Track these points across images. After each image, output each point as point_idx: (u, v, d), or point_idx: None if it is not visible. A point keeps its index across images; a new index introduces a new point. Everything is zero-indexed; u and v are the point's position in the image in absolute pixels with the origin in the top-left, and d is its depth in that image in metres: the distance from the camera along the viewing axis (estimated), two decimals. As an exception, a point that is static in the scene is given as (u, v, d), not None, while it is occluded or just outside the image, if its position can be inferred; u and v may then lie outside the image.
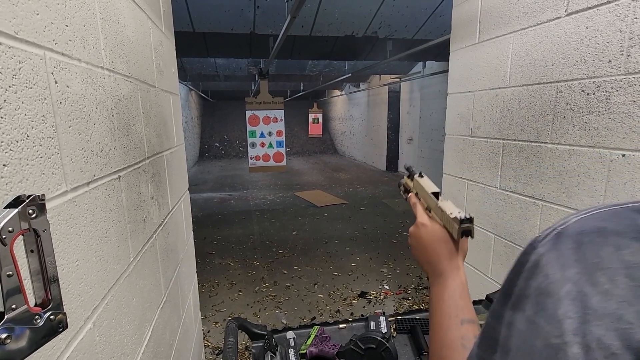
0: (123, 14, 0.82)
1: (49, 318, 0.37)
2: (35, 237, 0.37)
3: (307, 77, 8.56)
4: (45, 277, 0.38)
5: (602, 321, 0.20)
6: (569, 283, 0.22)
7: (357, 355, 0.88)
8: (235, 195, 7.34)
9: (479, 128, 1.55)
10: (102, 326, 0.62)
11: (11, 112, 0.41)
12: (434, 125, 7.48)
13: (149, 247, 0.94)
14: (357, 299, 3.14)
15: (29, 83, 0.45)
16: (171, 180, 1.25)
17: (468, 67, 1.59)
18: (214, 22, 3.68)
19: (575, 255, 0.23)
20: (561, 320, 0.22)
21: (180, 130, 1.48)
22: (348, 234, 4.79)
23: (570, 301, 0.22)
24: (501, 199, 1.45)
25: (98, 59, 0.67)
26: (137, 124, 0.89)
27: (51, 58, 0.50)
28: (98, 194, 0.64)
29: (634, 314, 0.19)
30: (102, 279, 0.64)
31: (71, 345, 0.51)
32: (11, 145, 0.41)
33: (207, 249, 4.29)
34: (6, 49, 0.41)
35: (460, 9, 1.63)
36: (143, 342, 0.85)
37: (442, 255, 0.52)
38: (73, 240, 0.54)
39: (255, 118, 5.15)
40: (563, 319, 0.21)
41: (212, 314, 2.91)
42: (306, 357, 0.96)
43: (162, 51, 1.22)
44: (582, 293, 0.21)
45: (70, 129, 0.55)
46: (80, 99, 0.58)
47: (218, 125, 15.34)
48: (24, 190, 0.43)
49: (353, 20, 3.85)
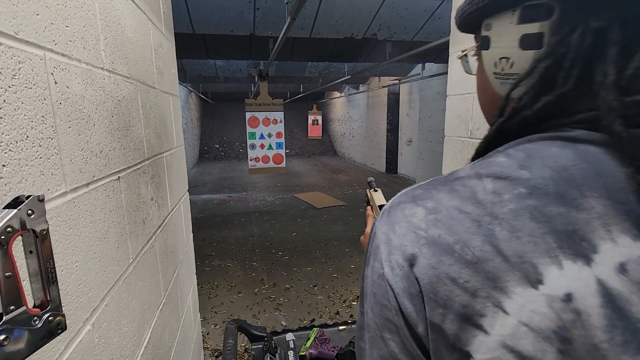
0: (123, 15, 0.82)
1: (48, 319, 0.37)
2: (34, 238, 0.36)
3: (307, 78, 8.57)
4: (44, 278, 0.38)
5: (396, 249, 0.32)
6: (383, 234, 0.34)
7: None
8: (235, 197, 7.33)
9: (478, 130, 1.55)
10: (101, 328, 0.62)
11: (11, 112, 0.41)
12: (433, 127, 7.49)
13: (149, 249, 0.94)
14: (356, 301, 3.13)
15: (28, 83, 0.45)
16: (171, 181, 1.25)
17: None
18: (214, 23, 3.68)
19: (387, 219, 0.35)
20: (379, 256, 0.34)
21: (180, 131, 1.48)
22: (347, 236, 4.79)
23: (383, 244, 0.34)
24: (501, 200, 1.45)
25: (98, 60, 0.67)
26: (137, 125, 0.89)
27: (51, 58, 0.50)
28: (98, 195, 0.64)
29: (409, 242, 0.31)
30: (102, 280, 0.63)
31: (70, 346, 0.51)
32: (10, 145, 0.41)
33: (207, 251, 4.28)
34: (6, 49, 0.41)
35: (460, 11, 1.64)
36: (142, 343, 0.85)
37: None
38: (72, 242, 0.53)
39: (255, 120, 5.15)
40: (378, 254, 0.34)
41: (211, 316, 2.91)
42: (306, 359, 0.96)
43: (162, 52, 1.22)
44: (388, 237, 0.33)
45: (70, 130, 0.54)
46: (80, 100, 0.58)
47: (218, 127, 15.35)
48: (24, 191, 0.42)
49: (352, 22, 3.86)
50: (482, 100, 0.44)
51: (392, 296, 0.32)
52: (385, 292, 0.32)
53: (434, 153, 7.47)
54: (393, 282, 0.32)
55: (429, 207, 0.32)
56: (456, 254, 0.29)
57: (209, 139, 14.91)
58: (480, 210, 0.29)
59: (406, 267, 0.31)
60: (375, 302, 0.34)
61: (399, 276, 0.31)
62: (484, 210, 0.29)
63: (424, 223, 0.31)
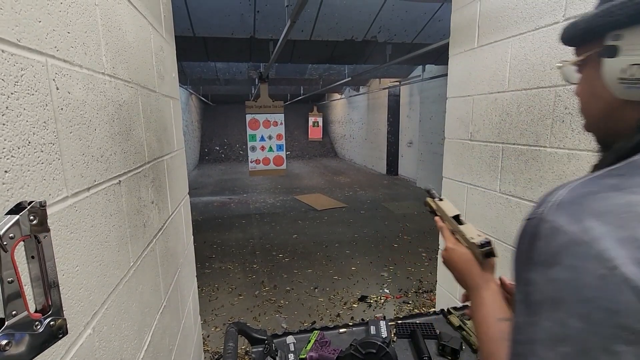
0: (124, 20, 0.83)
1: (49, 324, 0.37)
2: (36, 243, 0.37)
3: (307, 80, 8.59)
4: (45, 283, 0.38)
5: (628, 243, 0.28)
6: (592, 229, 0.30)
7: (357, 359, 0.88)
8: (235, 199, 7.33)
9: (478, 132, 1.56)
10: (101, 332, 0.62)
11: (13, 118, 0.42)
12: (433, 129, 7.49)
13: (149, 252, 0.94)
14: (357, 303, 3.13)
15: (30, 90, 0.45)
16: (171, 184, 1.26)
17: (467, 72, 1.60)
18: (214, 26, 3.70)
19: (582, 211, 0.31)
20: (605, 253, 0.29)
21: (180, 134, 1.48)
22: (348, 238, 4.78)
23: (602, 240, 0.29)
24: (501, 202, 1.45)
25: (99, 65, 0.67)
26: (138, 128, 0.90)
27: (53, 65, 0.51)
28: (98, 199, 0.64)
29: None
30: (102, 284, 0.64)
31: (71, 350, 0.51)
32: (13, 151, 0.41)
33: (207, 253, 4.28)
34: (9, 57, 0.41)
35: (459, 14, 1.64)
36: (142, 347, 0.85)
37: (473, 273, 0.60)
38: (73, 246, 0.54)
39: (256, 122, 5.16)
40: (607, 252, 0.29)
41: (211, 319, 2.90)
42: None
43: (163, 56, 1.23)
44: (607, 231, 0.29)
45: (71, 135, 0.55)
46: (81, 105, 0.59)
47: (218, 129, 15.37)
48: (25, 196, 0.43)
49: (353, 24, 3.87)
50: (590, 105, 0.46)
51: (635, 300, 0.27)
52: (618, 295, 0.28)
53: (434, 155, 7.47)
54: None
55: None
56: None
57: (210, 141, 14.93)
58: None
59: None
60: (595, 308, 0.29)
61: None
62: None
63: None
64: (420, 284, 3.48)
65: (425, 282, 3.50)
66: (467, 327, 1.08)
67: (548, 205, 0.35)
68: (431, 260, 3.99)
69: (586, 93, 0.47)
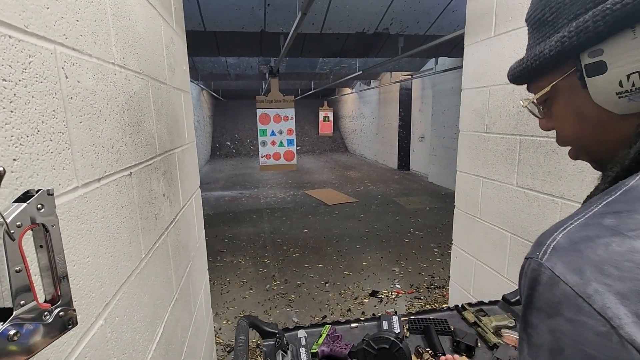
0: (134, 10, 0.82)
1: (59, 315, 0.37)
2: (44, 233, 0.36)
3: (318, 75, 8.53)
4: (54, 273, 0.37)
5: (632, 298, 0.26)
6: (592, 282, 0.28)
7: (369, 355, 0.87)
8: (246, 194, 7.38)
9: (494, 124, 1.51)
10: (113, 323, 0.62)
11: (21, 106, 0.41)
12: (446, 123, 7.37)
13: (161, 244, 0.94)
14: (368, 298, 3.12)
15: (39, 77, 0.45)
16: (182, 177, 1.26)
17: (483, 62, 1.55)
18: (225, 21, 3.69)
19: (582, 260, 0.29)
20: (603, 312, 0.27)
21: (191, 127, 1.48)
22: (359, 233, 4.76)
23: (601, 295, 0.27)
24: (518, 196, 1.41)
25: (109, 55, 0.66)
26: (149, 120, 0.89)
27: (62, 53, 0.50)
28: (109, 190, 0.64)
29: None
30: (114, 275, 0.64)
31: (82, 341, 0.51)
32: (21, 139, 0.41)
33: (219, 247, 4.32)
34: (16, 43, 0.41)
35: (475, 2, 1.59)
36: (155, 339, 0.85)
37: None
38: (84, 237, 0.53)
39: (266, 116, 5.16)
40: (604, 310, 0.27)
41: (223, 312, 2.93)
42: (318, 356, 0.95)
43: (174, 48, 1.22)
44: (607, 285, 0.27)
45: (81, 125, 0.54)
46: (91, 95, 0.58)
47: (229, 124, 15.46)
48: (35, 185, 0.42)
49: (364, 16, 3.81)
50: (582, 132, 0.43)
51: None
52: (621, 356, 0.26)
53: (447, 149, 7.35)
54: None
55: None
56: None
57: (221, 136, 15.04)
58: None
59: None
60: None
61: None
62: None
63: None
64: (432, 279, 3.44)
65: (437, 278, 3.46)
66: (482, 323, 1.05)
67: (545, 249, 0.33)
68: (443, 255, 3.94)
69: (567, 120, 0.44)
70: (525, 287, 0.34)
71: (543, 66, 0.43)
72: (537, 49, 0.43)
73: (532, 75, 0.45)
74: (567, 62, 0.40)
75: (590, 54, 0.38)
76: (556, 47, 0.40)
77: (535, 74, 0.45)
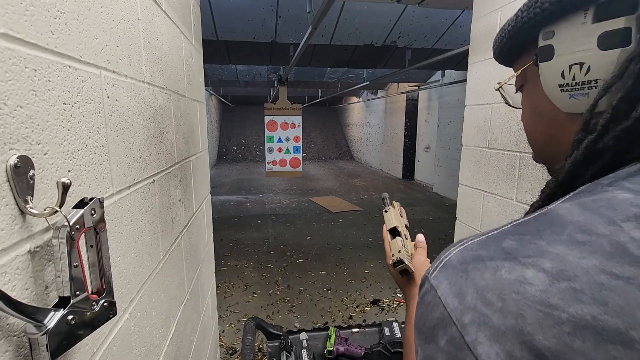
0: (161, 31, 0.90)
1: (103, 305, 0.43)
2: (95, 234, 0.43)
3: (326, 84, 8.65)
4: (100, 269, 0.44)
5: (508, 337, 0.21)
6: (470, 310, 0.24)
7: (384, 357, 0.91)
8: (252, 199, 7.45)
9: (496, 140, 1.57)
10: (136, 317, 0.68)
11: (75, 125, 0.48)
12: (451, 134, 7.42)
13: (176, 247, 1.01)
14: (369, 306, 3.15)
15: (88, 99, 0.51)
16: (196, 183, 1.32)
17: (486, 80, 1.61)
18: (237, 31, 3.80)
19: (466, 283, 0.25)
20: (473, 347, 0.23)
21: (204, 136, 1.55)
22: (362, 241, 4.80)
23: (477, 327, 0.23)
24: (517, 211, 1.45)
25: (140, 74, 0.74)
26: (169, 131, 0.96)
27: (105, 76, 0.57)
28: (137, 197, 0.70)
29: (531, 325, 0.21)
30: (138, 273, 0.70)
31: (113, 331, 0.57)
32: (74, 153, 0.47)
33: (223, 251, 4.38)
34: (73, 71, 0.47)
35: (480, 23, 1.66)
36: (168, 335, 0.91)
37: (402, 287, 0.63)
38: (117, 238, 0.60)
39: (274, 123, 5.25)
40: (474, 345, 0.23)
41: (227, 315, 2.98)
42: (333, 354, 0.99)
43: (192, 62, 1.30)
44: (483, 315, 0.23)
45: (117, 138, 0.61)
46: (125, 111, 0.65)
47: (236, 130, 15.63)
48: (83, 193, 0.49)
49: (372, 29, 3.90)
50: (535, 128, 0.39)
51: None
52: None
53: (452, 160, 7.39)
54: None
55: (549, 270, 0.22)
56: (638, 344, 0.19)
57: (228, 141, 15.21)
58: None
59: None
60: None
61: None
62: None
63: (555, 296, 0.21)
64: (433, 290, 3.46)
65: (439, 289, 3.47)
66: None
67: (437, 265, 0.29)
68: (445, 266, 3.96)
69: (528, 114, 0.40)
70: (418, 298, 0.30)
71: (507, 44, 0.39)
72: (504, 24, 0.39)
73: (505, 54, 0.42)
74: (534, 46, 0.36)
75: (543, 35, 0.35)
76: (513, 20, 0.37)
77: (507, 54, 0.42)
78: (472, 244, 0.28)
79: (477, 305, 0.24)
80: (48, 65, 0.42)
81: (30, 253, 0.38)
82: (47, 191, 0.41)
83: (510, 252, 0.25)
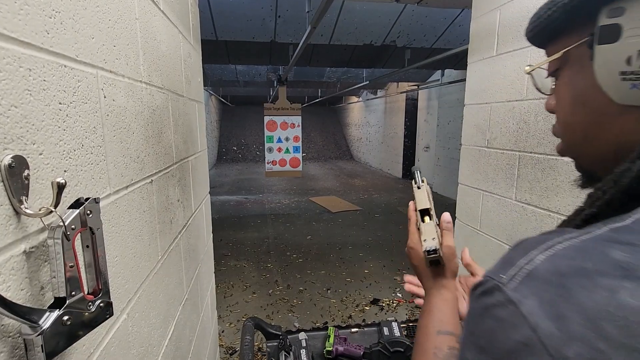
0: (159, 30, 0.89)
1: (99, 305, 0.43)
2: (91, 235, 0.42)
3: (325, 83, 8.65)
4: (97, 269, 0.43)
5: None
6: (576, 342, 0.19)
7: (384, 357, 0.91)
8: (251, 199, 7.45)
9: (495, 139, 1.56)
10: (134, 318, 0.68)
11: (71, 125, 0.47)
12: (451, 134, 7.41)
13: (174, 247, 1.00)
14: (369, 306, 3.15)
15: (84, 99, 0.51)
16: (195, 184, 1.32)
17: (485, 79, 1.61)
18: (237, 30, 3.80)
19: (568, 303, 0.20)
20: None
21: (203, 136, 1.55)
22: (362, 241, 4.80)
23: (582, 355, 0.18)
24: (516, 210, 1.45)
25: (138, 74, 0.73)
26: (168, 131, 0.96)
27: (102, 76, 0.57)
28: (134, 197, 0.70)
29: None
30: (135, 274, 0.70)
31: (110, 332, 0.57)
32: (70, 153, 0.47)
33: (223, 251, 4.38)
34: (69, 71, 0.47)
35: (479, 22, 1.66)
36: (167, 335, 0.91)
37: (426, 276, 0.55)
38: (114, 238, 0.60)
39: (273, 123, 5.25)
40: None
41: (226, 315, 2.98)
42: (332, 354, 0.99)
43: (190, 62, 1.30)
44: (598, 351, 0.18)
45: (114, 138, 0.61)
46: (123, 111, 0.65)
47: (236, 130, 15.63)
48: (80, 193, 0.49)
49: (372, 29, 3.90)
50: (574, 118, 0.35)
51: None
52: None
53: (452, 160, 7.38)
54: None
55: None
56: None
57: (227, 141, 15.20)
58: None
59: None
60: None
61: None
62: None
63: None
64: (433, 289, 3.46)
65: (439, 288, 3.47)
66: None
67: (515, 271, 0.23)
68: (445, 266, 3.96)
69: (566, 102, 0.35)
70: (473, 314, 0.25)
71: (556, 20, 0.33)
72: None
73: (546, 33, 0.36)
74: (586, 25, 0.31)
75: (609, 12, 0.29)
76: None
77: (550, 32, 0.36)
78: (566, 250, 0.23)
79: (586, 335, 0.19)
80: (43, 64, 0.42)
81: (26, 253, 0.38)
82: (43, 191, 0.41)
83: (627, 267, 0.20)
